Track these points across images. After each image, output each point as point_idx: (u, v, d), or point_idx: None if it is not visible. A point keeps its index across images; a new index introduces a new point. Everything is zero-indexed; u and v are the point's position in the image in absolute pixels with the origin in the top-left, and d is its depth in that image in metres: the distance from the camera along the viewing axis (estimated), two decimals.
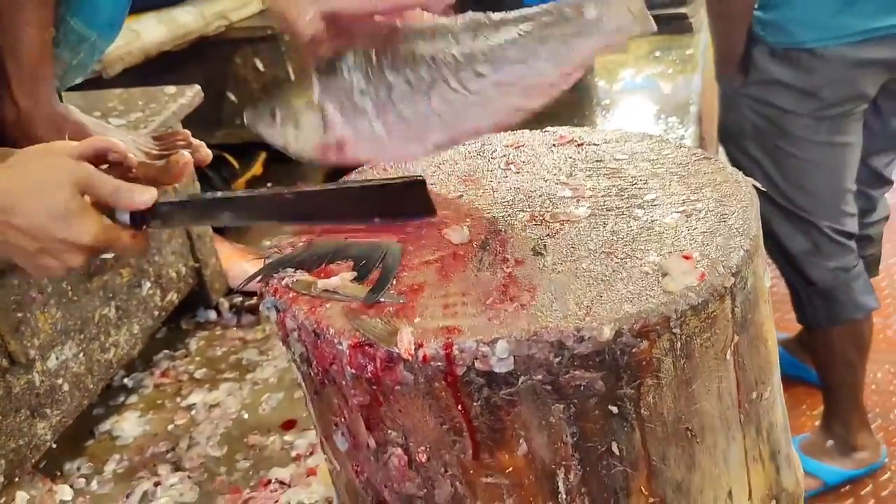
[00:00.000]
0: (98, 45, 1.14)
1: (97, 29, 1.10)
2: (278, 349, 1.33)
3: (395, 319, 0.66)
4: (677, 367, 0.65)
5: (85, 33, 1.09)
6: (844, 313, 1.99)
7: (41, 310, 1.04)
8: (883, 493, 2.17)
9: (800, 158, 1.90)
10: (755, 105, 1.91)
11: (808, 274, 1.98)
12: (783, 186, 1.94)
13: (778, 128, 1.90)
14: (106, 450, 1.19)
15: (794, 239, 1.96)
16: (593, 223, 0.75)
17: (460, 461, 0.68)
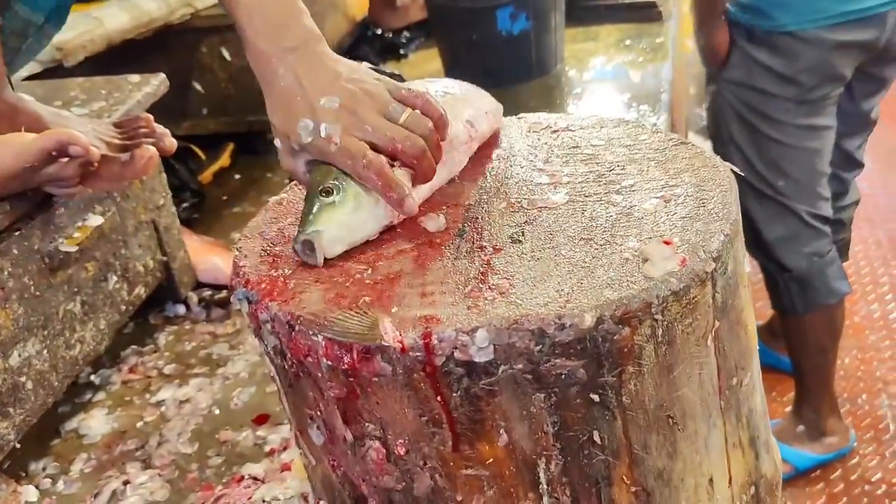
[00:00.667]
0: (46, 30, 1.10)
1: (44, 13, 1.07)
2: (249, 343, 1.31)
3: (371, 310, 0.65)
4: (659, 354, 0.64)
5: (32, 18, 1.06)
6: (819, 299, 2.01)
7: (2, 306, 1.00)
8: (852, 477, 2.20)
9: (780, 142, 1.92)
10: (736, 90, 1.95)
11: (784, 260, 2.00)
12: (763, 171, 1.96)
13: (759, 112, 1.93)
14: (72, 449, 1.16)
15: (771, 225, 1.98)
16: (571, 209, 0.73)
17: (440, 453, 0.67)
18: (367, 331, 0.63)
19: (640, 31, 2.08)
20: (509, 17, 1.83)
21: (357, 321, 0.64)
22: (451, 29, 1.94)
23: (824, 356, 2.11)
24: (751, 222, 1.99)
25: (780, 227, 1.98)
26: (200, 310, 1.40)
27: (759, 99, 1.92)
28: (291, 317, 0.66)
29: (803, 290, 2.00)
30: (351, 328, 0.64)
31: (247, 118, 1.88)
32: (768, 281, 2.09)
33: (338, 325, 0.64)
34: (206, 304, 1.40)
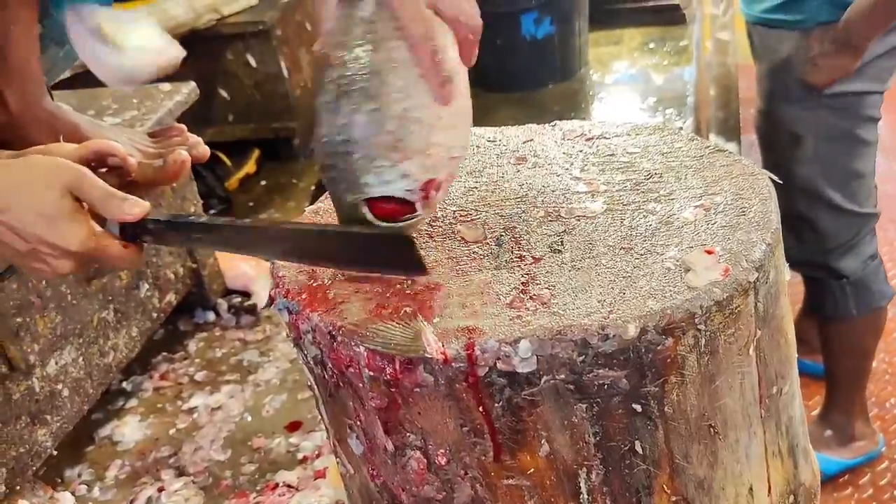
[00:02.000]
0: None
1: None
2: (279, 350, 1.32)
3: (413, 321, 0.65)
4: (701, 364, 0.64)
5: None
6: (874, 302, 2.01)
7: (40, 314, 1.02)
8: (881, 482, 2.18)
9: (867, 142, 1.89)
10: (832, 101, 1.88)
11: (843, 267, 1.98)
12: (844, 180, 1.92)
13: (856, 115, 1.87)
14: (107, 455, 1.17)
15: (839, 233, 1.95)
16: (610, 218, 0.73)
17: (481, 463, 0.67)
18: (410, 342, 0.63)
19: (664, 34, 2.08)
20: (533, 22, 1.83)
21: (399, 332, 0.64)
22: None
23: (865, 358, 2.10)
24: (817, 235, 1.96)
25: (847, 233, 1.95)
26: (230, 316, 1.41)
27: (856, 100, 1.87)
28: (333, 327, 0.67)
29: (858, 293, 1.99)
30: (393, 339, 0.64)
31: (272, 125, 1.89)
32: (814, 288, 2.06)
33: (380, 335, 0.65)
34: (236, 310, 1.41)
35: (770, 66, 2.00)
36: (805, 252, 2.00)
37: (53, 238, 0.75)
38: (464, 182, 0.84)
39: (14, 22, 0.98)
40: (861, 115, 1.88)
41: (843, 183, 1.93)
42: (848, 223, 1.95)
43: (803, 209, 1.95)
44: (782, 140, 2.00)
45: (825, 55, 1.83)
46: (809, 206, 1.95)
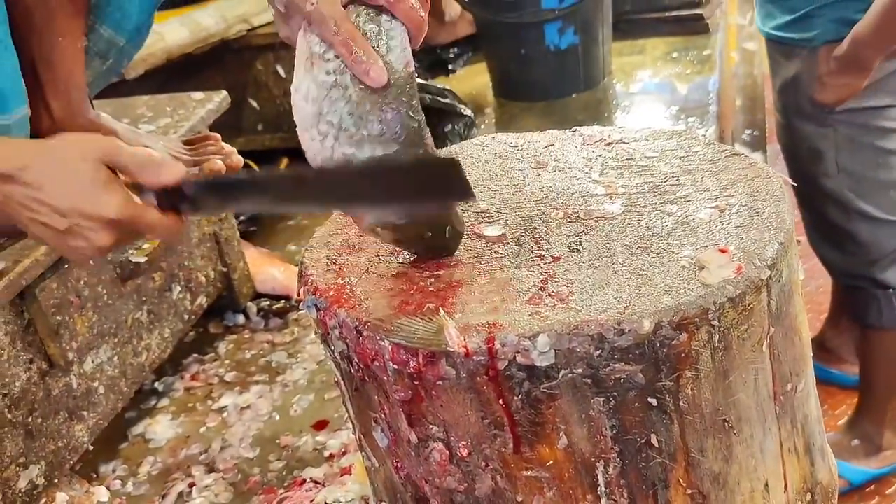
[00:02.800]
0: (127, 51, 1.16)
1: (126, 35, 1.12)
2: (307, 352, 1.35)
3: (436, 317, 0.67)
4: (715, 360, 0.66)
5: (114, 39, 1.11)
6: None
7: (79, 314, 1.06)
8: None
9: (893, 151, 1.87)
10: (849, 117, 1.85)
11: (887, 278, 1.95)
12: (875, 191, 1.89)
13: (876, 128, 1.84)
14: (140, 452, 1.20)
15: (880, 244, 1.93)
16: (627, 219, 0.76)
17: (501, 455, 0.69)
18: (433, 336, 0.66)
19: (687, 43, 2.09)
20: (557, 32, 1.86)
21: (423, 327, 0.67)
22: (499, 44, 1.97)
23: None
24: (859, 246, 1.94)
25: (889, 243, 1.92)
26: (259, 319, 1.44)
27: (873, 115, 1.83)
28: (359, 322, 0.69)
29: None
30: (417, 333, 0.67)
31: None
32: (857, 297, 2.03)
33: (404, 330, 0.67)
34: (265, 313, 1.45)
35: (783, 82, 1.99)
36: (848, 263, 1.98)
37: (91, 208, 0.75)
38: (486, 185, 0.86)
39: (62, 35, 1.02)
40: (881, 127, 1.85)
41: (874, 194, 1.90)
42: (888, 233, 1.91)
43: (840, 221, 1.93)
44: (805, 155, 1.98)
45: (832, 74, 1.81)
46: (845, 219, 1.92)
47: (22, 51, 0.98)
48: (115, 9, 1.06)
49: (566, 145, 0.91)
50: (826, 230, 2.00)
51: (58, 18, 1.00)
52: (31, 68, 1.01)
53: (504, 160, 0.91)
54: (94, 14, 1.06)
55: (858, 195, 1.89)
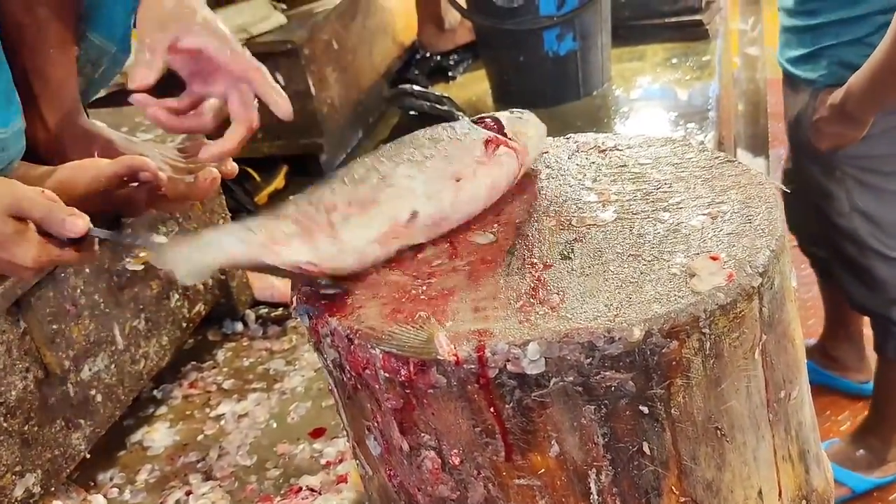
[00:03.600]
0: (118, 58, 1.16)
1: (117, 42, 1.13)
2: (305, 359, 1.35)
3: (427, 325, 0.67)
4: (707, 367, 0.66)
5: (105, 47, 1.12)
6: None
7: (75, 322, 1.06)
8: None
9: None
10: (856, 160, 1.81)
11: None
12: (888, 230, 1.84)
13: (882, 172, 1.81)
14: (137, 460, 1.20)
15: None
16: (619, 227, 0.76)
17: (493, 463, 0.69)
18: (424, 345, 0.66)
19: (687, 49, 2.09)
20: (556, 38, 1.86)
21: (414, 335, 0.67)
22: (498, 51, 1.97)
23: None
24: (877, 283, 1.90)
25: None
26: (257, 327, 1.44)
27: (880, 161, 1.79)
28: (351, 331, 0.70)
29: None
30: (407, 342, 0.67)
31: (300, 141, 1.93)
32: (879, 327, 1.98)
33: (395, 338, 0.67)
34: (263, 321, 1.45)
35: (792, 117, 1.96)
36: (866, 297, 1.95)
37: (8, 257, 0.78)
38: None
39: (53, 46, 1.03)
40: (890, 171, 1.80)
41: (890, 234, 1.85)
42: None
43: (856, 257, 1.90)
44: (816, 191, 1.93)
45: (827, 121, 1.75)
46: (861, 255, 1.89)
47: (14, 64, 0.98)
48: (104, 16, 1.06)
49: (560, 152, 0.92)
50: (843, 263, 1.96)
51: (48, 30, 1.01)
52: (23, 80, 1.01)
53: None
54: (85, 22, 1.06)
55: (873, 234, 1.85)
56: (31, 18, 0.99)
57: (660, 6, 2.18)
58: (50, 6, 1.00)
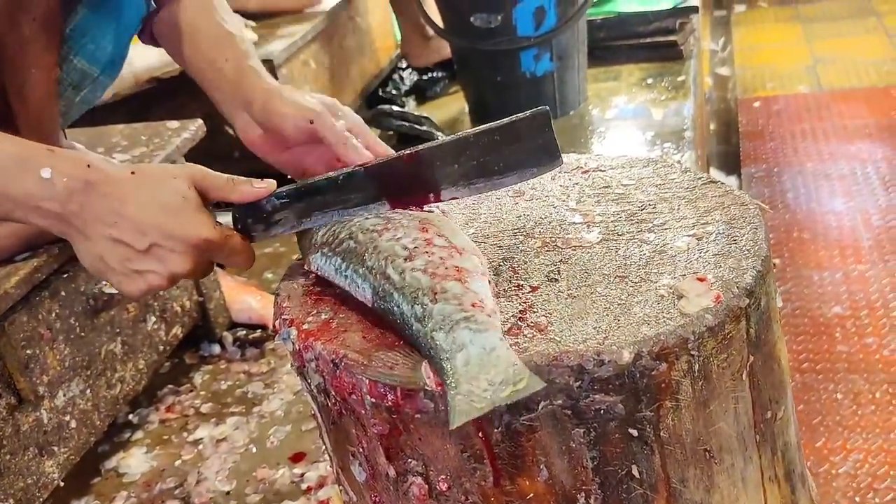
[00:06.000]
0: (101, 82, 1.15)
1: (100, 66, 1.12)
2: (284, 382, 1.33)
3: (413, 351, 0.67)
4: (695, 389, 0.66)
5: (88, 71, 1.10)
6: None
7: (50, 346, 1.04)
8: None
9: None
10: None
11: None
12: None
13: None
14: (113, 487, 1.18)
15: None
16: (605, 248, 0.75)
17: (481, 488, 0.68)
18: (410, 373, 0.65)
19: (662, 69, 2.11)
20: (533, 59, 1.87)
21: (400, 360, 0.66)
22: (475, 71, 1.98)
23: None
24: None
25: None
26: (235, 349, 1.43)
27: None
28: (336, 356, 0.68)
29: None
30: (394, 369, 0.66)
31: None
32: None
33: (381, 365, 0.66)
34: (241, 343, 1.43)
35: None
36: None
37: (180, 228, 0.72)
38: (464, 214, 0.86)
39: (34, 66, 1.01)
40: None
41: None
42: None
43: None
44: None
45: None
46: None
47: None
48: (89, 40, 1.05)
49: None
50: None
51: (30, 50, 0.99)
52: (2, 100, 1.00)
53: None
54: (68, 45, 1.05)
55: None
56: (14, 38, 0.97)
57: (635, 27, 2.20)
58: (33, 27, 0.99)
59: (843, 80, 3.20)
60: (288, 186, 0.79)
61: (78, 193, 0.72)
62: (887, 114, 2.92)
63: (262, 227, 0.79)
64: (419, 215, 0.77)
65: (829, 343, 2.28)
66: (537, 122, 0.78)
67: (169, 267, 0.74)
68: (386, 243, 0.72)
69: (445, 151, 0.78)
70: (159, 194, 0.73)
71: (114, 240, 0.72)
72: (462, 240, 0.73)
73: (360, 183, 0.78)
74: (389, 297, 0.69)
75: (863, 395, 2.16)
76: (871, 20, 3.64)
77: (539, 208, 0.85)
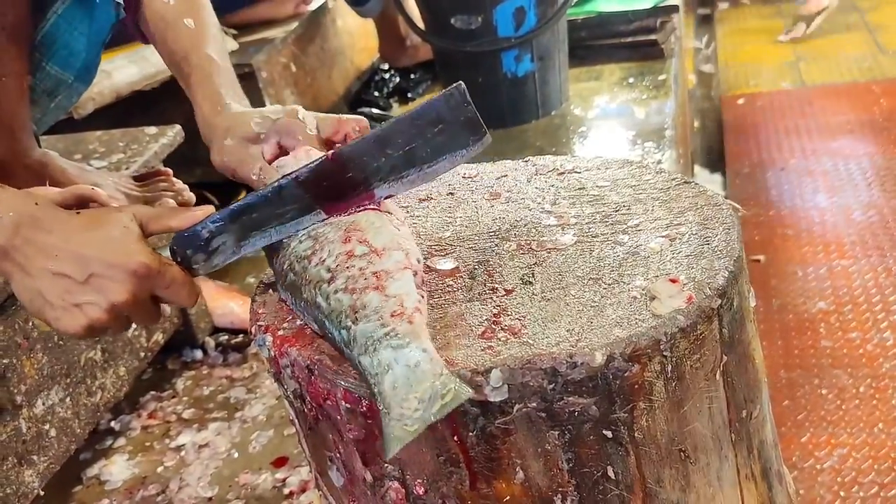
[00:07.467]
0: (75, 88, 1.14)
1: (73, 72, 1.11)
2: (266, 387, 1.33)
3: None
4: (669, 390, 0.66)
5: (62, 77, 1.10)
6: None
7: (27, 355, 1.03)
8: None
9: None
10: None
11: None
12: None
13: None
14: (94, 495, 1.17)
15: None
16: (579, 250, 0.76)
17: (458, 492, 0.68)
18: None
19: (643, 68, 2.12)
20: (514, 59, 1.87)
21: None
22: (456, 72, 1.98)
23: None
24: None
25: None
26: (217, 354, 1.42)
27: None
28: (311, 361, 0.68)
29: None
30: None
31: None
32: None
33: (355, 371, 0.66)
34: (223, 348, 1.43)
35: None
36: None
37: (119, 257, 0.73)
38: (440, 217, 0.86)
39: (5, 74, 1.01)
40: None
41: None
42: None
43: None
44: None
45: None
46: None
47: None
48: (61, 46, 1.04)
49: (519, 176, 0.92)
50: None
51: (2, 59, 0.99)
52: None
53: (458, 192, 0.91)
54: (40, 52, 1.04)
55: None
56: None
57: (616, 27, 2.21)
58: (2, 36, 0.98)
59: (825, 77, 3.22)
60: (221, 210, 0.78)
61: (23, 228, 0.73)
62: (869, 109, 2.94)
63: (202, 256, 0.77)
64: (346, 221, 0.75)
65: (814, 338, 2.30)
66: (455, 99, 0.75)
67: (108, 297, 0.73)
68: (313, 270, 0.71)
69: (369, 145, 0.75)
70: (102, 228, 0.74)
71: (53, 273, 0.73)
72: (384, 237, 0.71)
73: (292, 194, 0.76)
74: (322, 325, 0.68)
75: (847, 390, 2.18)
76: (853, 16, 3.66)
77: (515, 211, 0.85)
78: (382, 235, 0.72)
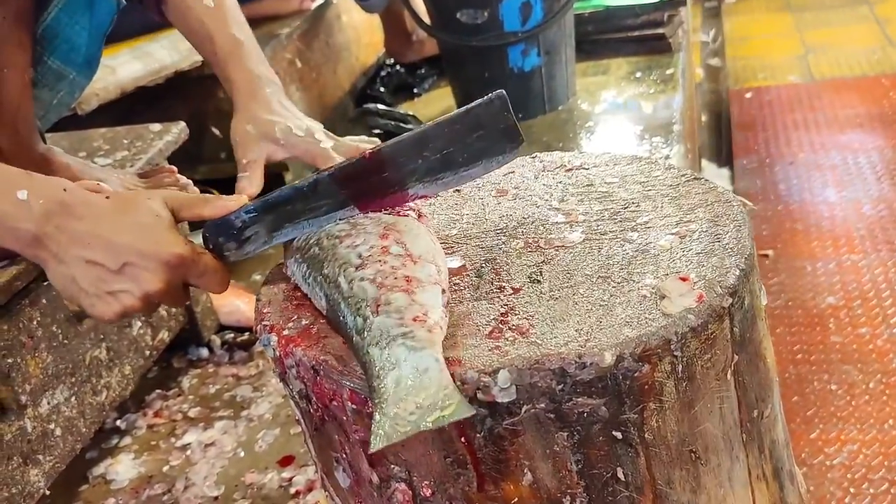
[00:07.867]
0: (77, 83, 1.14)
1: (75, 67, 1.10)
2: (272, 385, 1.32)
3: None
4: (679, 390, 0.65)
5: (63, 72, 1.09)
6: None
7: (31, 355, 1.03)
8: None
9: None
10: None
11: None
12: None
13: None
14: (100, 494, 1.17)
15: None
16: (588, 248, 0.75)
17: (465, 494, 0.67)
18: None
19: (651, 62, 2.10)
20: (521, 54, 1.86)
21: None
22: (463, 67, 1.97)
23: None
24: None
25: None
26: (223, 352, 1.42)
27: None
28: (316, 362, 0.68)
29: None
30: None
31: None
32: None
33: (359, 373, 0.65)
34: (229, 346, 1.42)
35: None
36: None
37: (151, 246, 0.72)
38: (446, 214, 0.85)
39: (7, 66, 1.00)
40: None
41: None
42: None
43: None
44: None
45: None
46: None
47: None
48: (62, 41, 1.04)
49: (526, 172, 0.91)
50: None
51: (2, 50, 0.98)
52: None
53: (465, 189, 0.90)
54: (42, 46, 1.03)
55: None
56: None
57: (623, 20, 2.19)
58: (4, 26, 0.97)
59: (834, 70, 3.19)
60: (255, 200, 0.79)
61: (54, 216, 0.72)
62: (879, 103, 2.92)
63: (234, 245, 0.78)
64: (387, 219, 0.76)
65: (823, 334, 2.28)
66: (496, 106, 0.76)
67: (142, 286, 0.73)
68: (343, 251, 0.71)
69: (407, 146, 0.76)
70: (133, 214, 0.73)
71: (87, 261, 0.72)
72: (422, 246, 0.72)
73: (327, 189, 0.76)
74: (337, 306, 0.68)
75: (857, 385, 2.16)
76: (863, 9, 3.63)
77: (522, 208, 0.84)
78: (420, 245, 0.72)
